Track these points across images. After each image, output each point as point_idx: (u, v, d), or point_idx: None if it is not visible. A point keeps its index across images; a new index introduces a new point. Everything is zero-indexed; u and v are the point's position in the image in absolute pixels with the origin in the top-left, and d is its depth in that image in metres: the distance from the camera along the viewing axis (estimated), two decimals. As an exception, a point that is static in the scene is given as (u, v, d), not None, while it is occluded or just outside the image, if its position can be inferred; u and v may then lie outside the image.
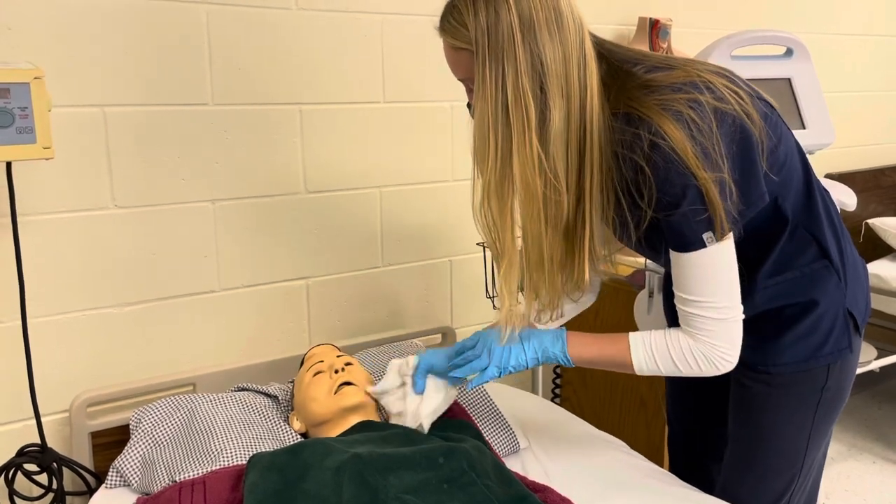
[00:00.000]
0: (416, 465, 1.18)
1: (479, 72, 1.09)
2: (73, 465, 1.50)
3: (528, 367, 1.29)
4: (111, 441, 1.57)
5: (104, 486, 1.41)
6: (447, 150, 1.99)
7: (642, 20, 2.22)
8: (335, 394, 1.38)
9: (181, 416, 1.49)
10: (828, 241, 1.22)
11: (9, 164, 1.35)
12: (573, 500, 1.26)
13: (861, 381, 3.04)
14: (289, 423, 1.48)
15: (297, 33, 1.72)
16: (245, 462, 1.28)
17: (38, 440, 1.46)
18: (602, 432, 1.63)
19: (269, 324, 1.81)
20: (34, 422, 1.45)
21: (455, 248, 2.06)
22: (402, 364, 1.38)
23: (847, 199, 1.92)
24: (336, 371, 1.42)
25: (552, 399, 2.18)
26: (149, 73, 1.57)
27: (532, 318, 1.31)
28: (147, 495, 1.30)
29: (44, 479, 1.48)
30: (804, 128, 1.90)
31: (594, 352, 1.27)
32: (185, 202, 1.65)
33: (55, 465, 1.47)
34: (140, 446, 1.43)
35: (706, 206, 1.07)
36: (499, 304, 1.22)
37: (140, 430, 1.46)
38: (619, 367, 1.25)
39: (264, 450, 1.34)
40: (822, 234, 1.22)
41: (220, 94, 1.65)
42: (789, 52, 1.96)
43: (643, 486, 1.39)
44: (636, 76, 1.12)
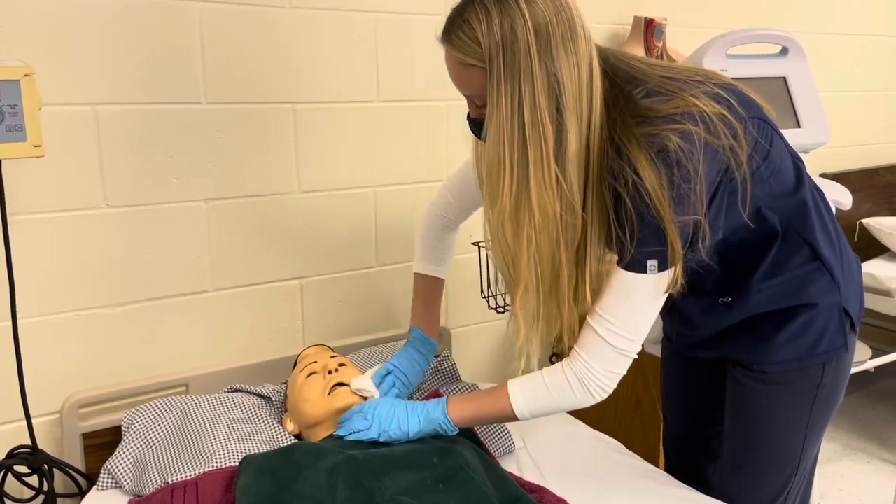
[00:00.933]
0: (410, 466, 1.18)
1: (494, 92, 1.04)
2: (65, 467, 1.49)
3: (410, 436, 1.27)
4: (103, 442, 1.56)
5: (95, 487, 1.40)
6: (441, 149, 1.98)
7: (637, 19, 2.21)
8: (329, 395, 1.37)
9: (174, 418, 1.48)
10: (820, 243, 1.22)
11: (-2, 163, 1.34)
12: (568, 501, 1.26)
13: (855, 380, 3.04)
14: (282, 425, 1.47)
15: (290, 32, 1.71)
16: (238, 463, 1.27)
17: (29, 441, 1.45)
18: (598, 432, 1.63)
19: (262, 324, 1.80)
20: (25, 423, 1.43)
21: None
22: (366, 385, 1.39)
23: (842, 198, 1.93)
24: (330, 372, 1.41)
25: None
26: (141, 72, 1.56)
27: (546, 344, 1.28)
28: (139, 497, 1.29)
29: (34, 480, 1.47)
30: (799, 127, 1.90)
31: (473, 407, 1.26)
32: (178, 201, 1.64)
33: (46, 466, 1.45)
34: (132, 448, 1.42)
35: (665, 246, 1.07)
36: (513, 332, 1.18)
37: (132, 432, 1.45)
38: (501, 416, 1.25)
39: (257, 451, 1.33)
40: (814, 237, 1.22)
41: (213, 93, 1.64)
42: (784, 51, 1.96)
43: (639, 486, 1.39)
44: (633, 102, 1.09)
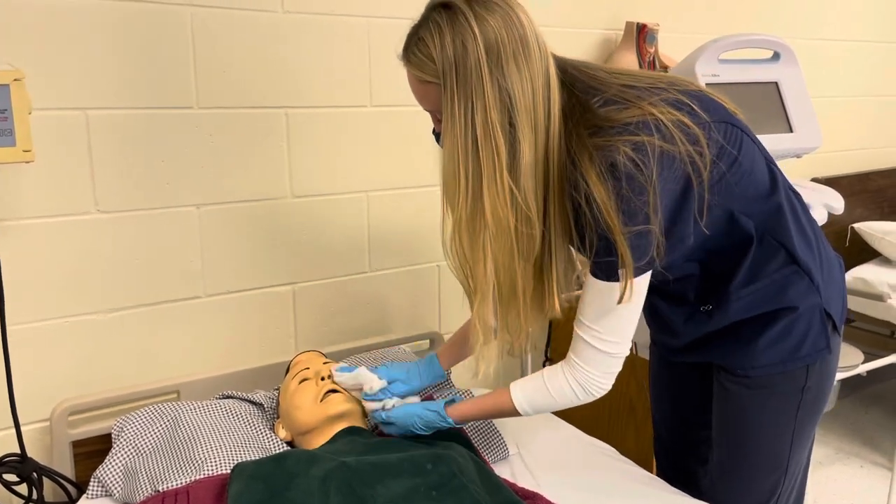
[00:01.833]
0: (403, 473, 1.17)
1: (448, 106, 1.08)
2: (54, 475, 1.47)
3: (413, 429, 1.32)
4: (93, 450, 1.54)
5: (85, 496, 1.39)
6: (434, 154, 1.98)
7: (629, 25, 2.21)
8: (321, 401, 1.36)
9: (164, 425, 1.47)
10: (796, 246, 1.22)
11: (-12, 168, 1.33)
12: (563, 508, 1.26)
13: (848, 385, 3.05)
14: (274, 432, 1.46)
15: (283, 36, 1.70)
16: (229, 471, 1.26)
17: (18, 449, 1.44)
18: (591, 438, 1.63)
19: (254, 330, 1.79)
20: (13, 431, 1.42)
21: (443, 253, 2.04)
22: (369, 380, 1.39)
23: (834, 202, 1.93)
24: (322, 378, 1.41)
25: (541, 404, 2.17)
26: (132, 76, 1.55)
27: (506, 351, 1.29)
28: (129, 505, 1.28)
29: (23, 489, 1.45)
30: (791, 131, 1.91)
31: (474, 407, 1.31)
32: (170, 207, 1.63)
33: (35, 474, 1.44)
34: (122, 455, 1.41)
35: (615, 257, 1.09)
36: (472, 339, 1.22)
37: (122, 439, 1.44)
38: (501, 411, 1.28)
39: (249, 458, 1.32)
40: (790, 240, 1.22)
41: (205, 98, 1.63)
42: (776, 56, 1.96)
43: (633, 491, 1.39)
44: (590, 111, 1.11)
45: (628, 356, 1.20)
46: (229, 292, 1.74)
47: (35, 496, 1.44)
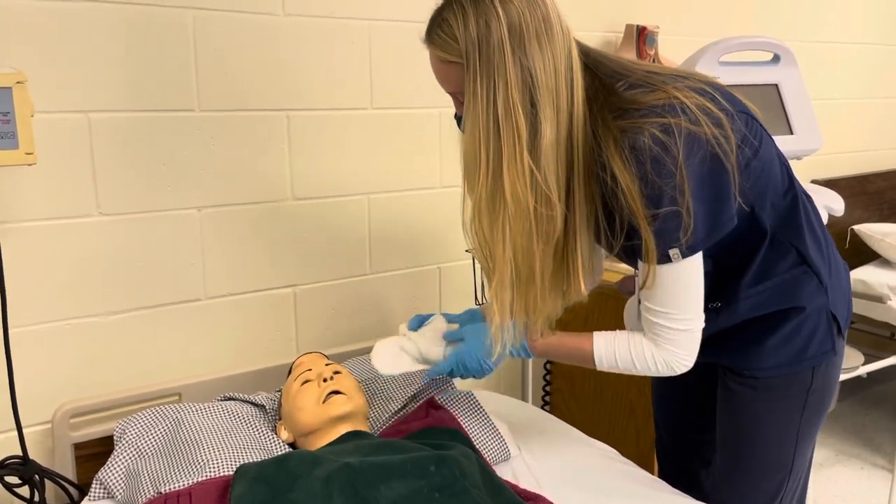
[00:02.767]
0: (406, 474, 1.17)
1: (470, 86, 1.07)
2: (56, 477, 1.47)
3: (483, 368, 1.33)
4: (95, 452, 1.54)
5: (87, 498, 1.39)
6: (435, 156, 1.98)
7: (629, 27, 2.22)
8: (323, 403, 1.36)
9: (166, 427, 1.47)
10: (808, 247, 1.22)
11: (-10, 171, 1.33)
12: (565, 509, 1.26)
13: (848, 386, 3.05)
14: (276, 433, 1.46)
15: (284, 39, 1.71)
16: (232, 473, 1.26)
17: (20, 451, 1.44)
18: (593, 439, 1.63)
19: (255, 332, 1.79)
20: (16, 433, 1.42)
21: (444, 255, 2.05)
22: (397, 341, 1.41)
23: (834, 204, 1.93)
24: (324, 380, 1.41)
25: (542, 407, 2.17)
26: (134, 79, 1.55)
27: (522, 333, 1.29)
28: (131, 507, 1.28)
29: (25, 491, 1.45)
30: (791, 133, 1.91)
31: (556, 342, 1.29)
32: (171, 209, 1.63)
33: (37, 477, 1.44)
34: (124, 457, 1.41)
35: (639, 240, 1.10)
36: (489, 318, 1.21)
37: (124, 441, 1.44)
38: (578, 357, 1.28)
39: (251, 460, 1.32)
40: (802, 240, 1.22)
41: (207, 101, 1.64)
42: (776, 59, 1.97)
43: (635, 493, 1.39)
44: (615, 94, 1.11)
45: None
46: (230, 294, 1.74)
47: (37, 498, 1.44)
